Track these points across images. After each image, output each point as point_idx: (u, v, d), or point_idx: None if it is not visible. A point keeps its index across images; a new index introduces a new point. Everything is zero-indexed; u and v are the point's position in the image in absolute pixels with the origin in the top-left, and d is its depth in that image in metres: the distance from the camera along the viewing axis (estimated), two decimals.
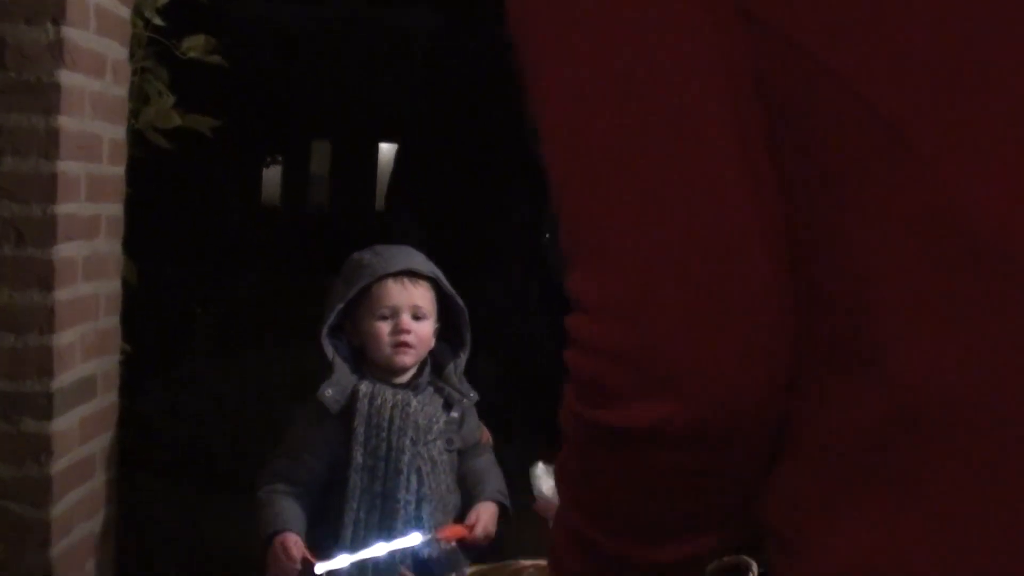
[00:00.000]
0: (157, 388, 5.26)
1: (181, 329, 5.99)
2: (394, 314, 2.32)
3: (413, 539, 2.23)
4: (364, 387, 2.31)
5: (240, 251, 11.24)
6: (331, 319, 2.34)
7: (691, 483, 0.74)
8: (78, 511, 2.49)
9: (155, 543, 3.69)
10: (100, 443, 2.59)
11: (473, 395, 2.43)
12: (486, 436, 2.51)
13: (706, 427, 0.70)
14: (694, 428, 0.70)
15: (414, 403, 2.31)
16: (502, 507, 2.41)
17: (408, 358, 2.35)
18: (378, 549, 2.19)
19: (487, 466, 2.47)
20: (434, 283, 2.38)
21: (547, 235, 2.49)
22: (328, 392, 2.29)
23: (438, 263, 2.47)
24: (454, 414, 2.38)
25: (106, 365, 2.60)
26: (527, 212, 2.41)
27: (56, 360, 2.33)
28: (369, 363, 2.36)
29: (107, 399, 2.62)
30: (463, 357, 2.45)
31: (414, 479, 2.28)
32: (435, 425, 2.34)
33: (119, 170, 2.62)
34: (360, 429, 2.28)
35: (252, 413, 5.34)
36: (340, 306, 2.33)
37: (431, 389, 2.40)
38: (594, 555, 0.80)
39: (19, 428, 2.32)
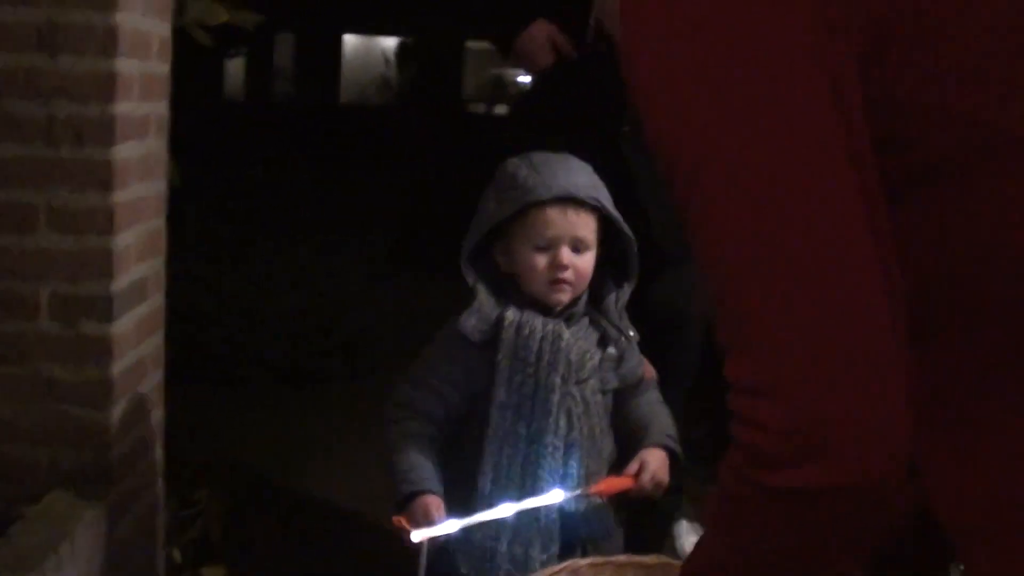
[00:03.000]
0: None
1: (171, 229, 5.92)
2: (552, 245, 2.05)
3: (554, 496, 1.98)
4: (510, 314, 2.06)
5: (213, 145, 11.06)
6: (475, 240, 2.10)
7: (843, 531, 0.92)
8: (133, 414, 2.48)
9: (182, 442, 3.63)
10: (150, 346, 2.58)
11: (633, 334, 2.16)
12: (649, 372, 2.25)
13: (857, 485, 0.88)
14: (847, 486, 0.88)
15: (566, 335, 2.05)
16: (671, 453, 2.14)
17: (565, 296, 2.09)
18: (504, 510, 1.94)
19: (652, 407, 2.21)
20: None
21: (626, 127, 2.46)
22: (471, 321, 2.06)
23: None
24: (611, 351, 2.14)
25: (155, 267, 2.58)
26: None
27: (116, 262, 2.30)
28: (518, 289, 2.12)
29: (156, 301, 2.60)
30: (627, 289, 2.17)
31: (563, 421, 2.03)
32: (589, 362, 2.09)
33: (166, 68, 2.56)
34: (504, 363, 2.04)
35: (253, 309, 5.31)
36: (487, 229, 2.10)
37: (587, 321, 2.13)
38: None
39: (78, 331, 2.31)
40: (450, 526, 1.89)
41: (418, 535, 1.85)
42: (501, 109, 12.44)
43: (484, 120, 11.76)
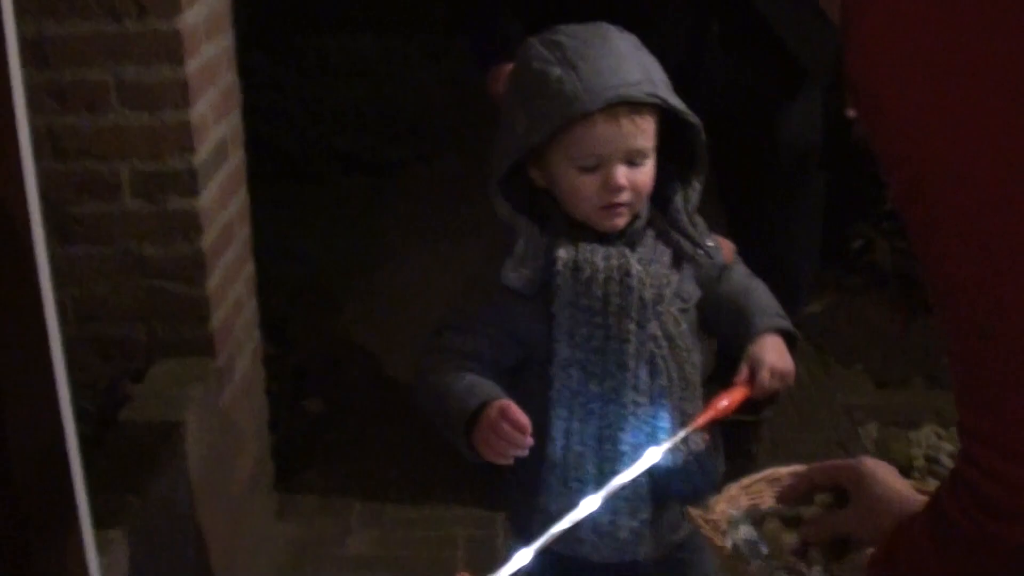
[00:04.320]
0: None
1: None
2: (602, 164, 1.61)
3: (650, 458, 1.57)
4: (564, 253, 1.64)
5: None
6: (505, 167, 1.64)
7: None
8: (226, 281, 2.44)
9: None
10: (236, 205, 2.51)
11: (711, 243, 1.73)
12: (727, 248, 1.82)
13: None
14: None
15: (635, 268, 1.64)
16: (784, 333, 1.74)
17: (621, 220, 1.66)
18: (588, 504, 1.51)
19: (743, 286, 1.79)
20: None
21: None
22: (516, 272, 1.64)
23: None
24: (687, 270, 1.72)
25: (233, 123, 2.47)
26: None
27: (195, 133, 2.21)
28: (559, 209, 1.69)
29: (236, 158, 2.51)
30: (697, 186, 1.71)
31: (644, 372, 1.66)
32: (666, 291, 1.67)
33: None
34: (563, 314, 1.64)
35: (315, 100, 5.18)
36: (519, 154, 1.64)
37: (652, 234, 1.70)
38: None
39: (165, 206, 2.24)
40: (522, 558, 1.41)
41: None
42: None
43: None
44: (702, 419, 1.61)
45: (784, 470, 1.49)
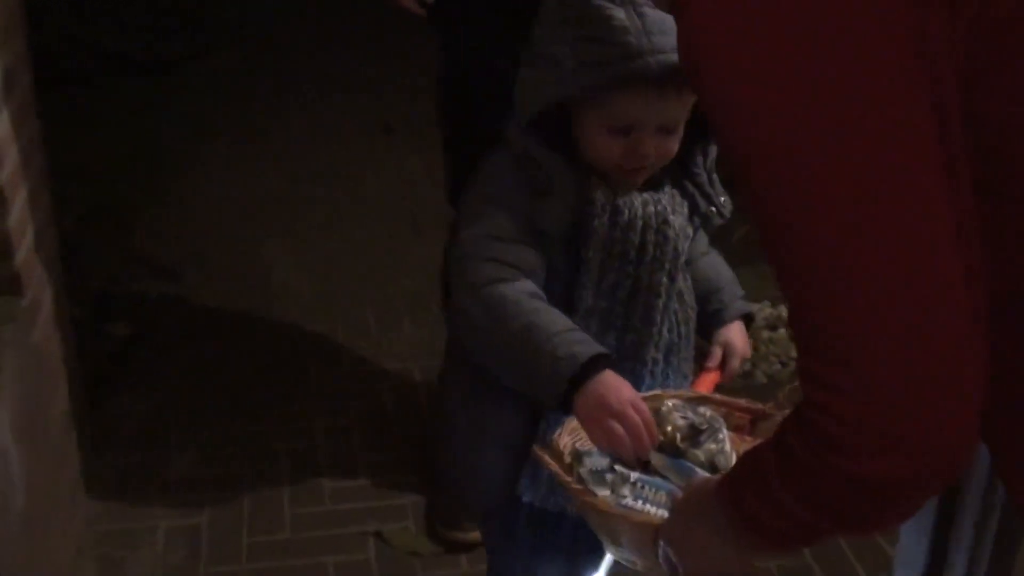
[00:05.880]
0: None
1: None
2: (635, 129, 1.48)
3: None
4: (601, 195, 1.51)
5: None
6: (540, 108, 1.49)
7: (905, 506, 1.01)
8: (28, 214, 2.32)
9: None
10: (29, 132, 2.37)
11: (725, 200, 1.61)
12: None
13: (933, 475, 0.95)
14: (916, 476, 0.95)
15: (671, 217, 1.54)
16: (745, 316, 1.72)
17: (640, 178, 1.54)
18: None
19: (712, 258, 1.74)
20: None
21: None
22: (554, 214, 1.50)
23: None
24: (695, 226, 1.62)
25: (18, 46, 2.33)
26: None
27: None
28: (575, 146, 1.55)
29: (25, 81, 2.37)
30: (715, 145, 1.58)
31: (665, 328, 1.58)
32: (686, 244, 1.59)
33: None
34: (595, 259, 1.51)
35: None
36: (561, 97, 1.48)
37: (669, 183, 1.59)
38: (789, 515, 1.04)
39: None
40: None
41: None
42: None
43: None
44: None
45: (668, 393, 1.51)
